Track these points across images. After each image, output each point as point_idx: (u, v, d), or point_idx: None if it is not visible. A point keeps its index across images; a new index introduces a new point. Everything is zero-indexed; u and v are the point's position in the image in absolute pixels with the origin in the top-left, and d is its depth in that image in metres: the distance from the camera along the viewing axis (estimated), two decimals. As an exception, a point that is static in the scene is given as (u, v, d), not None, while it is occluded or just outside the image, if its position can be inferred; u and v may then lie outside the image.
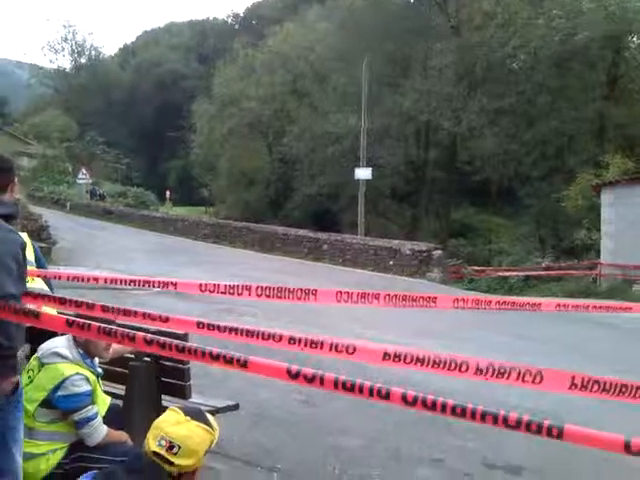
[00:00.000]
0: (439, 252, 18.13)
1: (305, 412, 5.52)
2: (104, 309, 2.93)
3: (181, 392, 4.10)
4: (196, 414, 2.25)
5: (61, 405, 3.38)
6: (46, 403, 3.38)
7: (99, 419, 3.51)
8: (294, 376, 2.23)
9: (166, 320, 3.00)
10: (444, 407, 2.02)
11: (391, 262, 18.15)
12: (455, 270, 21.51)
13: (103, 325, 2.49)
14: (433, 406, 2.05)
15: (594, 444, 1.87)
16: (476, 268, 22.68)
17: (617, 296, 15.50)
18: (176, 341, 2.44)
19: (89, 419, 3.44)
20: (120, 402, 4.03)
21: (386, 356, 2.93)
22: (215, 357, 2.30)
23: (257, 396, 5.74)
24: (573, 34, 26.05)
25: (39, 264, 3.99)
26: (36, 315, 2.46)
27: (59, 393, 3.37)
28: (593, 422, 5.46)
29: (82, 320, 2.50)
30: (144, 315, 2.95)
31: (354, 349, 2.94)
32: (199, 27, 79.03)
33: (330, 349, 2.94)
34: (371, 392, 2.12)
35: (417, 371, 2.89)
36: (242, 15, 76.32)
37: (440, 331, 9.28)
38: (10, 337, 2.50)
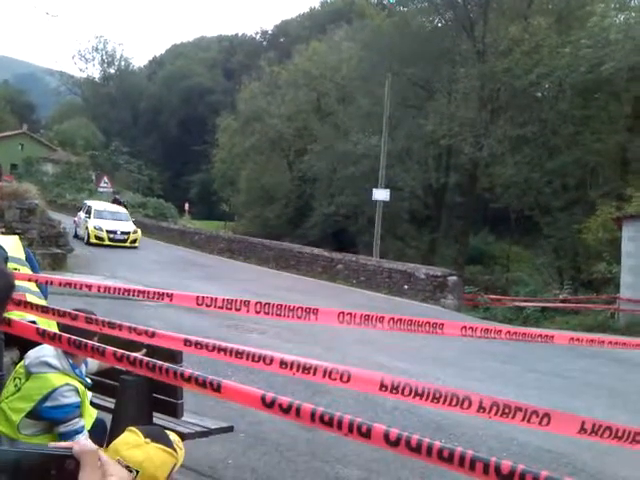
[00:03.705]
0: (455, 278, 17.83)
1: (304, 437, 5.33)
2: (88, 320, 2.81)
3: (172, 410, 3.96)
4: (157, 435, 2.07)
5: (48, 416, 3.25)
6: (32, 414, 3.25)
7: (85, 433, 3.37)
8: (269, 405, 2.08)
9: (152, 335, 2.87)
10: (430, 450, 1.83)
11: (405, 286, 17.89)
12: (471, 298, 21.20)
13: (73, 337, 2.37)
14: (418, 448, 1.86)
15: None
16: (492, 297, 22.36)
17: (636, 332, 15.10)
18: (147, 359, 2.31)
19: (76, 432, 3.30)
20: (105, 416, 3.88)
21: (382, 387, 2.75)
22: (187, 379, 2.16)
23: (257, 417, 5.57)
24: (599, 64, 25.84)
25: (31, 264, 3.90)
26: (8, 322, 2.35)
27: (47, 404, 3.23)
28: (605, 463, 5.22)
29: (53, 331, 2.38)
30: (130, 329, 2.83)
31: (349, 377, 2.77)
32: (227, 42, 79.98)
33: (324, 375, 2.77)
34: (350, 428, 1.94)
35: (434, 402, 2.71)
36: (270, 32, 77.24)
37: (451, 359, 9.04)
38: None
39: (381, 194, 25.95)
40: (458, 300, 17.59)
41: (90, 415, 3.58)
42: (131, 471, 1.85)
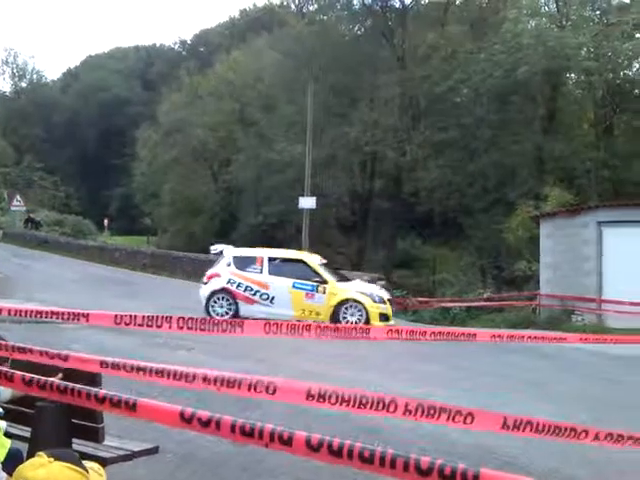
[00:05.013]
0: (383, 282, 18.08)
1: (233, 451, 5.21)
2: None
3: (94, 435, 3.77)
4: (63, 455, 2.00)
5: (-46, 449, 3.02)
6: (-62, 448, 3.01)
7: (-2, 465, 3.15)
8: (188, 420, 2.01)
9: (66, 359, 2.72)
10: (350, 453, 1.83)
11: (335, 293, 17.91)
12: (399, 301, 21.54)
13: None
14: (339, 451, 1.86)
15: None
16: (420, 299, 22.79)
17: (556, 326, 15.75)
18: (57, 382, 2.18)
19: None
20: (22, 446, 3.66)
21: (310, 396, 2.72)
22: (101, 400, 2.05)
23: (185, 436, 5.40)
24: (514, 69, 26.91)
25: None
26: None
27: (-47, 436, 3.01)
28: (534, 456, 5.35)
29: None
30: (41, 353, 2.67)
31: (274, 389, 2.71)
32: (145, 53, 78.40)
33: (249, 389, 2.70)
34: (272, 437, 1.90)
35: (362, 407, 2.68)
36: (189, 42, 76.20)
37: (381, 363, 9.12)
38: None
39: (307, 202, 26.07)
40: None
41: (3, 445, 3.36)
42: None
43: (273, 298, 12.87)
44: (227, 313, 12.96)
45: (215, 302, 13.03)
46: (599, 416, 6.59)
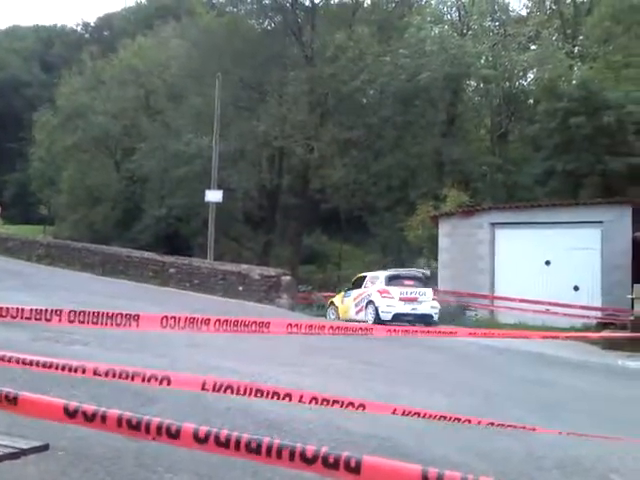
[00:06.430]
0: (288, 278, 18.19)
1: (130, 447, 5.07)
2: None
3: (-24, 433, 3.59)
4: None
5: None
6: None
7: None
8: (72, 414, 1.97)
9: (-55, 352, 2.58)
10: (238, 443, 1.86)
11: (240, 287, 17.90)
12: (304, 296, 21.81)
13: None
14: (227, 443, 1.88)
15: (392, 474, 1.77)
16: (325, 294, 23.15)
17: (450, 322, 16.44)
18: None
19: None
20: None
21: (205, 388, 2.74)
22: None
23: (79, 432, 5.22)
24: (417, 73, 27.80)
25: None
26: None
27: None
28: (423, 444, 5.60)
29: None
30: None
31: (169, 381, 2.71)
32: (45, 33, 74.70)
33: (143, 381, 2.69)
34: (159, 430, 1.90)
35: (259, 398, 2.71)
36: (93, 25, 73.35)
37: (284, 357, 9.17)
38: None
39: (214, 195, 25.73)
40: (292, 299, 17.97)
41: None
42: None
43: None
44: None
45: None
46: (486, 406, 6.98)
